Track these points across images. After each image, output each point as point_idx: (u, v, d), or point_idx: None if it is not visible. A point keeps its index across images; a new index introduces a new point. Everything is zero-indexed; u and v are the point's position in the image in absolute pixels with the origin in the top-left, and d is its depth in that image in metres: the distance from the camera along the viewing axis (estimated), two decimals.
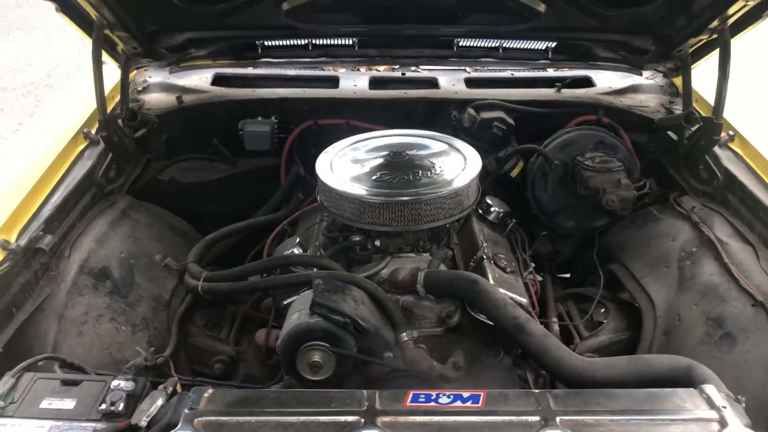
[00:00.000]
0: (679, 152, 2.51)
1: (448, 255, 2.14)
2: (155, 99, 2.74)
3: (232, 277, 2.10)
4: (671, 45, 2.42)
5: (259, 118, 2.67)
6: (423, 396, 1.39)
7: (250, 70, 2.92)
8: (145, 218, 2.39)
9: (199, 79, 2.84)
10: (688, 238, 2.24)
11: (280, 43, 2.63)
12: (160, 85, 2.81)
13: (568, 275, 2.89)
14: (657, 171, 2.64)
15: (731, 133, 2.36)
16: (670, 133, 2.58)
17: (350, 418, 1.31)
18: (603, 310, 2.34)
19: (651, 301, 2.17)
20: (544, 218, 2.60)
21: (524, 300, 1.99)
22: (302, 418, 1.31)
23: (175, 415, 1.33)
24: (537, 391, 1.42)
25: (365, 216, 2.00)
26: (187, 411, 1.32)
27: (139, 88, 2.79)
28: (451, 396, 1.39)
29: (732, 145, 2.36)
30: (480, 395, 1.38)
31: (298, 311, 1.78)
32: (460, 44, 2.63)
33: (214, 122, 2.72)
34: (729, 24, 2.20)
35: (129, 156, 2.51)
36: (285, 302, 1.98)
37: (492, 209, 2.40)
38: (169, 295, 2.17)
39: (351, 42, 2.59)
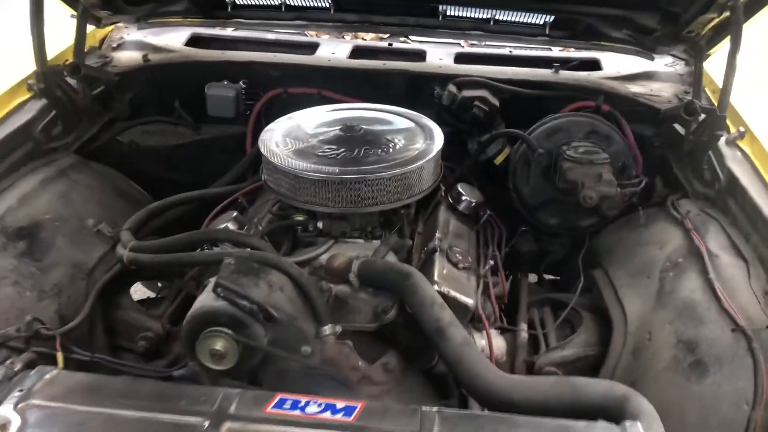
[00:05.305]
0: (684, 148, 2.20)
1: (406, 244, 1.93)
2: (125, 57, 2.60)
3: (158, 248, 1.93)
4: (680, 24, 2.11)
5: (225, 82, 2.49)
6: (290, 402, 1.20)
7: (228, 32, 2.75)
8: (89, 179, 2.25)
9: (173, 39, 2.69)
10: (677, 247, 1.94)
11: (252, 2, 2.43)
12: (135, 44, 2.67)
13: (559, 278, 2.62)
14: (664, 168, 2.33)
15: (742, 129, 2.04)
16: (677, 126, 2.27)
17: (192, 419, 1.13)
18: (576, 320, 2.07)
19: (624, 315, 1.89)
20: (525, 212, 2.33)
21: (470, 301, 1.75)
22: (140, 414, 1.15)
23: (2, 395, 1.18)
24: (427, 409, 1.20)
25: (301, 193, 1.81)
26: (16, 393, 1.17)
27: (114, 45, 2.67)
28: (323, 405, 1.19)
29: (742, 143, 2.04)
30: (356, 407, 1.18)
31: (207, 292, 1.61)
32: (447, 13, 2.38)
33: (180, 84, 2.55)
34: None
35: (81, 113, 2.37)
36: (206, 281, 1.81)
37: (462, 198, 2.17)
38: (94, 262, 2.01)
39: (326, 4, 2.38)
